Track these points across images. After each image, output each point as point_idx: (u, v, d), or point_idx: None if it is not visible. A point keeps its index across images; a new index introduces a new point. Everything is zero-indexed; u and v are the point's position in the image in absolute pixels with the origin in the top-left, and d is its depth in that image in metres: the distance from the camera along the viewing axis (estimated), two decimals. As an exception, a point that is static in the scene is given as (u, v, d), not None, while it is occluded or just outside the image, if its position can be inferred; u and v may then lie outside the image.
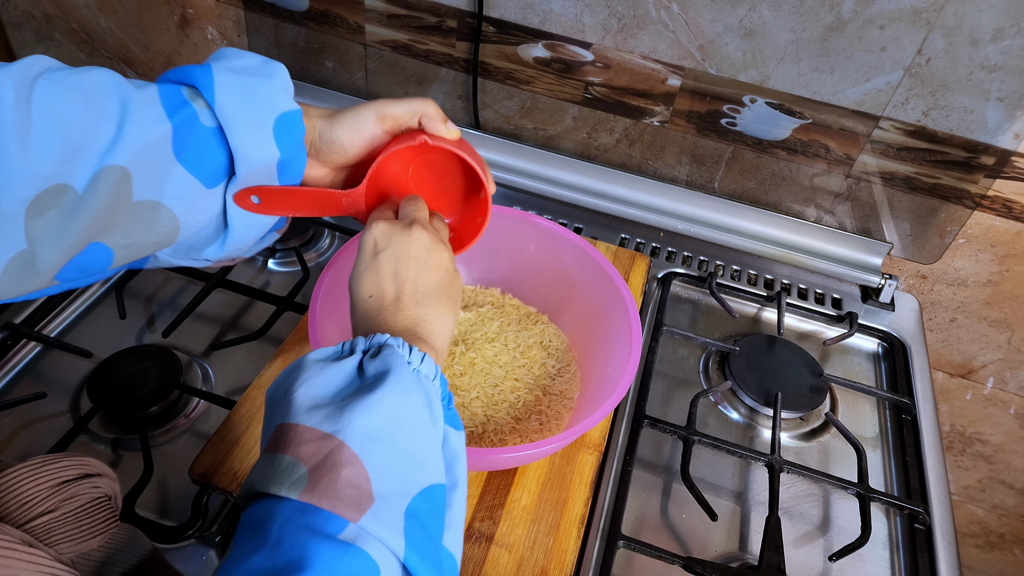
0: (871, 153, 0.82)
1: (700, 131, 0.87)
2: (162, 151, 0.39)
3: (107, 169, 0.37)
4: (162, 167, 0.39)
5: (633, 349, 0.56)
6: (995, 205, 0.83)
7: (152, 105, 0.39)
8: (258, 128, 0.42)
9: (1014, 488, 1.11)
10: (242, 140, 0.42)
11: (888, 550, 0.64)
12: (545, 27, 0.85)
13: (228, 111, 0.41)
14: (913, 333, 0.85)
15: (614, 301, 0.61)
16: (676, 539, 0.63)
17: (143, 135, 0.38)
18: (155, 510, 0.60)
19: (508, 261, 0.70)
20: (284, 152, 0.44)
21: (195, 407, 0.68)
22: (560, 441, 0.50)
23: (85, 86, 0.37)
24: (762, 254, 0.90)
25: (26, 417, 0.66)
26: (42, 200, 0.35)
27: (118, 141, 0.37)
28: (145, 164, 0.38)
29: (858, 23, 0.73)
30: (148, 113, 0.39)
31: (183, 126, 0.40)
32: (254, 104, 0.42)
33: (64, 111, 0.36)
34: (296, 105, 0.44)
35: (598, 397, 0.57)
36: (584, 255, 0.65)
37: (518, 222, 0.68)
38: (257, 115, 0.42)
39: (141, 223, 0.40)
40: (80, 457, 0.39)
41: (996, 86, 0.72)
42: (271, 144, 0.43)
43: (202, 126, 0.41)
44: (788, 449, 0.72)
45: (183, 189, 0.41)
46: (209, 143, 0.42)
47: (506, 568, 0.52)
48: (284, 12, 0.95)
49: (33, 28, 1.15)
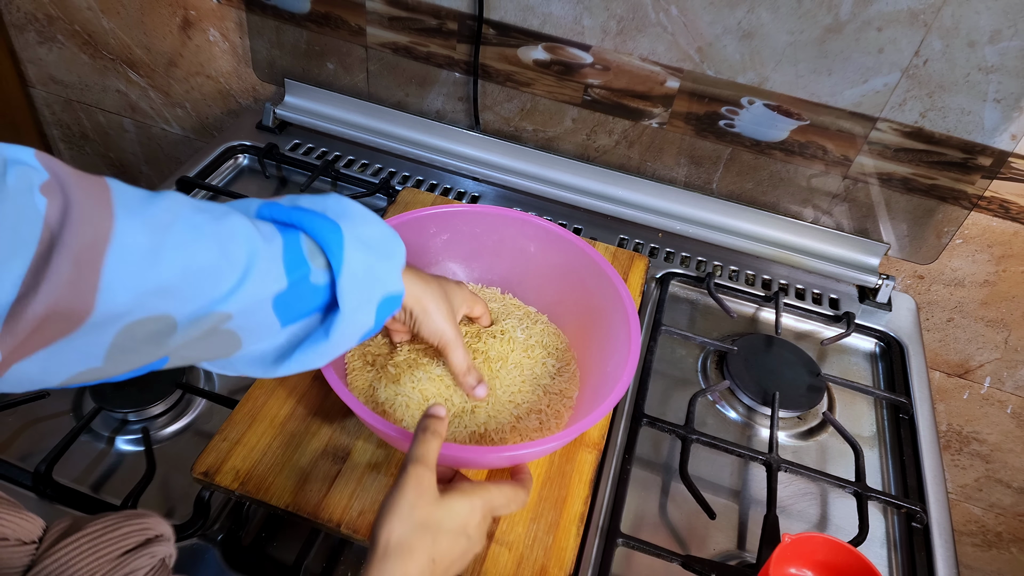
0: (868, 154, 0.82)
1: (698, 132, 0.88)
2: (266, 295, 0.41)
3: (214, 313, 0.38)
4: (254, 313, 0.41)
5: (632, 348, 0.57)
6: (992, 206, 0.84)
7: (275, 261, 0.41)
8: (366, 302, 0.45)
9: (1011, 487, 1.12)
10: (349, 309, 0.44)
11: (886, 549, 0.65)
12: (545, 29, 0.85)
13: (348, 289, 0.44)
14: (910, 333, 0.85)
15: (613, 301, 0.62)
16: (675, 537, 0.63)
17: (260, 290, 0.40)
18: (157, 509, 0.60)
19: (508, 261, 0.71)
20: (376, 323, 0.47)
21: (197, 406, 0.69)
22: (560, 440, 0.51)
23: (222, 234, 0.38)
24: (760, 254, 0.90)
25: (28, 416, 0.66)
26: (140, 324, 0.35)
27: (236, 292, 0.38)
28: (248, 310, 0.40)
29: (856, 25, 0.73)
30: (270, 270, 0.40)
31: (296, 284, 0.42)
32: (371, 283, 0.45)
33: (197, 259, 0.36)
34: (402, 286, 0.48)
35: (597, 396, 0.57)
36: (583, 256, 0.66)
37: (518, 223, 0.68)
38: (371, 291, 0.45)
39: (208, 347, 0.41)
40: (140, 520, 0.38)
41: (993, 87, 0.73)
42: (371, 317, 0.46)
43: (310, 284, 0.43)
44: (786, 448, 0.72)
45: (262, 324, 0.42)
46: (308, 298, 0.43)
47: (506, 566, 0.53)
48: (286, 14, 0.96)
49: (36, 30, 1.16)
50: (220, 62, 1.09)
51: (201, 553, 0.57)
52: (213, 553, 0.57)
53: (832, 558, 0.53)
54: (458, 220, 0.69)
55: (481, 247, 0.70)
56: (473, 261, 0.72)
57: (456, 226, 0.69)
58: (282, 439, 0.58)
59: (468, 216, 0.69)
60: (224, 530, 0.58)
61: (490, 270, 0.73)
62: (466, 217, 0.69)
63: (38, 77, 1.25)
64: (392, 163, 0.99)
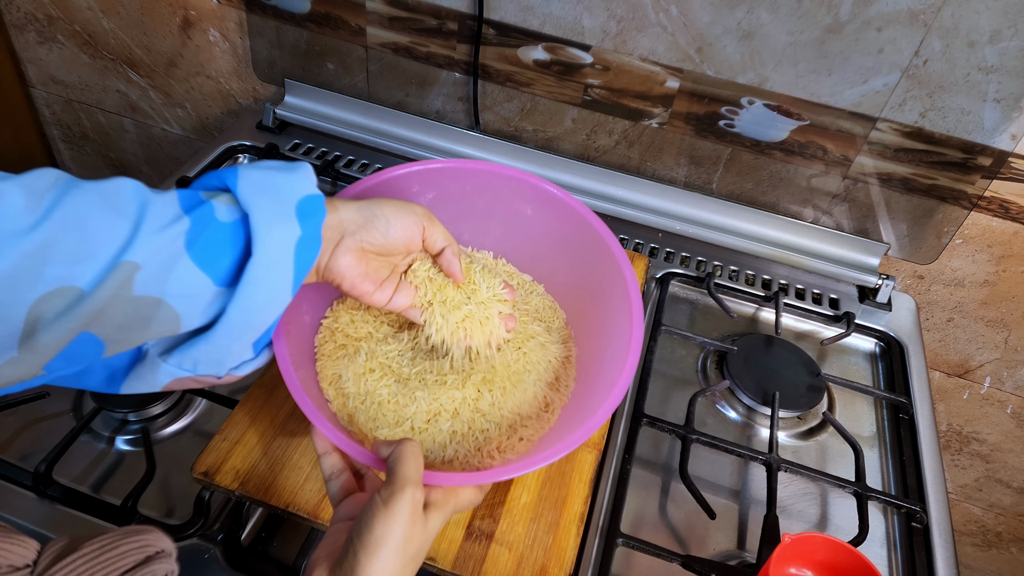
0: (868, 154, 0.82)
1: (698, 132, 0.88)
2: (174, 245, 0.39)
3: (119, 266, 0.36)
4: (170, 261, 0.38)
5: (634, 338, 0.51)
6: (992, 206, 0.84)
7: (169, 204, 0.39)
8: (280, 207, 0.42)
9: (1011, 487, 1.12)
10: (263, 217, 0.41)
11: (885, 549, 0.65)
12: (545, 30, 0.85)
13: (250, 194, 0.41)
14: (910, 333, 0.85)
15: (614, 279, 0.56)
16: (675, 537, 0.63)
17: (159, 232, 0.38)
18: (157, 508, 0.60)
19: (501, 224, 0.63)
20: (306, 231, 0.43)
21: (197, 406, 0.69)
22: (561, 451, 0.47)
23: (105, 190, 0.37)
24: (760, 254, 0.90)
25: (29, 416, 0.66)
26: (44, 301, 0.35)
27: (134, 239, 0.37)
28: (156, 259, 0.38)
29: (855, 25, 0.73)
30: (165, 212, 0.39)
31: (199, 220, 0.40)
32: (277, 188, 0.43)
33: (80, 211, 0.36)
34: (317, 191, 0.45)
35: (595, 392, 0.53)
36: (584, 224, 0.59)
37: (513, 182, 0.61)
38: (280, 197, 0.42)
39: (138, 319, 0.39)
40: (139, 536, 0.37)
41: (993, 87, 0.73)
42: (293, 222, 0.42)
43: (217, 221, 0.40)
44: (786, 448, 0.72)
45: (189, 286, 0.40)
46: (224, 237, 0.41)
47: (506, 566, 0.53)
48: (286, 14, 0.96)
49: (36, 30, 1.16)
50: (220, 62, 1.09)
51: (201, 553, 0.57)
52: (213, 553, 0.57)
53: (832, 558, 0.53)
54: (445, 177, 0.60)
55: (471, 208, 0.62)
56: (462, 223, 0.64)
57: (442, 184, 0.61)
58: (282, 439, 0.58)
59: (456, 173, 0.61)
60: (224, 530, 0.59)
61: (481, 233, 0.65)
62: (454, 174, 0.61)
63: (38, 77, 1.25)
64: (392, 163, 0.98)
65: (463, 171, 0.61)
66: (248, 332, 0.43)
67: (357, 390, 0.55)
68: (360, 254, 0.49)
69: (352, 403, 0.55)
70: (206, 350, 0.43)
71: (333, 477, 0.47)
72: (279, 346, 0.49)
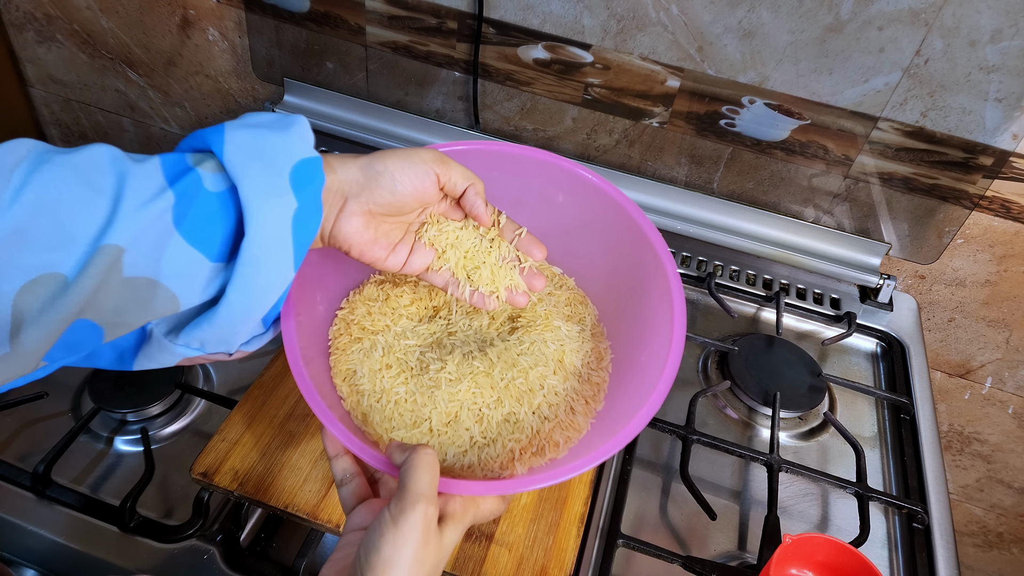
0: (869, 154, 0.82)
1: (699, 132, 0.87)
2: (162, 223, 0.35)
3: (102, 249, 0.33)
4: (159, 240, 0.35)
5: (675, 338, 0.47)
6: (993, 205, 0.83)
7: (152, 177, 0.35)
8: (273, 176, 0.38)
9: (1012, 487, 1.11)
10: (254, 190, 0.37)
11: (887, 549, 0.65)
12: (545, 29, 0.85)
13: (238, 162, 0.37)
14: (911, 333, 0.85)
15: (653, 272, 0.52)
16: (675, 538, 0.63)
17: (142, 210, 0.34)
18: (156, 509, 0.60)
19: (531, 212, 0.57)
20: (302, 202, 0.39)
21: (196, 407, 0.68)
22: (593, 460, 0.44)
23: (78, 163, 0.34)
24: (761, 254, 0.90)
25: (27, 417, 0.66)
26: (28, 292, 0.32)
27: (114, 219, 0.34)
28: (143, 239, 0.35)
29: (856, 24, 0.73)
30: (147, 186, 0.35)
31: (186, 194, 0.36)
32: (268, 153, 0.38)
33: (52, 191, 0.32)
34: (317, 154, 0.40)
35: (630, 392, 0.50)
36: (621, 212, 0.54)
37: (545, 167, 0.56)
38: (271, 164, 0.38)
39: (134, 301, 0.36)
40: None
41: (994, 87, 0.73)
42: (288, 194, 0.38)
43: (206, 191, 0.37)
44: (787, 448, 0.72)
45: (183, 265, 0.37)
46: (213, 210, 0.37)
47: (506, 566, 0.52)
48: (285, 13, 0.95)
49: (35, 29, 1.16)
50: (219, 61, 1.08)
51: (200, 554, 0.57)
52: (212, 554, 0.57)
53: (833, 559, 0.53)
54: (472, 161, 0.54)
55: (498, 194, 0.55)
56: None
57: (469, 167, 0.55)
58: (281, 439, 0.58)
59: (484, 156, 0.56)
60: (223, 531, 0.58)
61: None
62: (482, 157, 0.56)
63: (37, 76, 1.24)
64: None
65: (489, 154, 0.56)
66: (252, 312, 0.40)
67: (372, 387, 0.52)
68: (368, 217, 0.44)
69: (367, 401, 0.51)
70: (211, 332, 0.40)
71: (345, 482, 0.44)
72: (289, 340, 0.45)
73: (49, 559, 0.57)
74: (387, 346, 0.54)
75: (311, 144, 0.40)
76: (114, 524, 0.58)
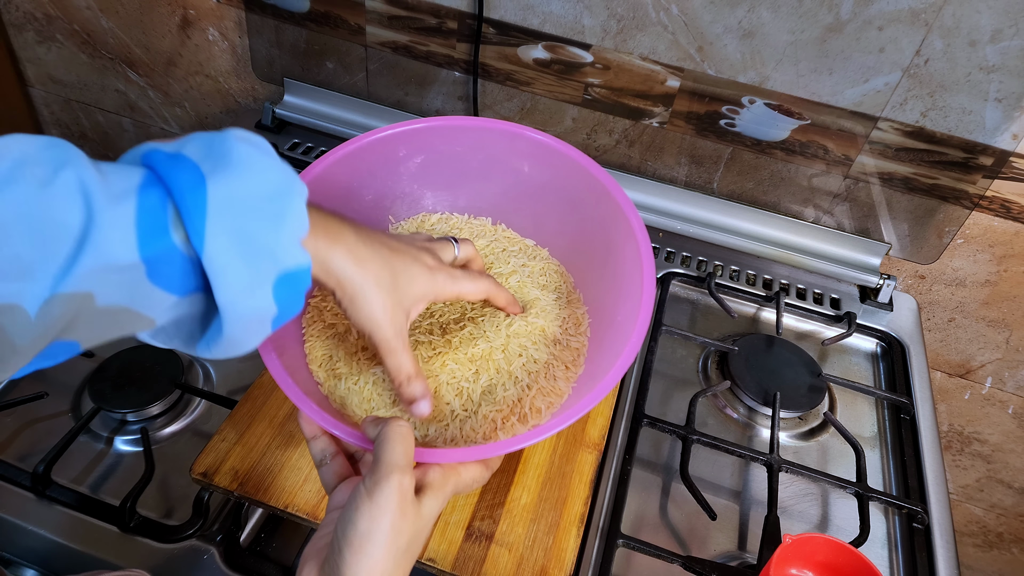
0: (869, 154, 0.82)
1: (699, 132, 0.87)
2: (132, 277, 0.32)
3: (62, 296, 0.30)
4: (133, 287, 0.33)
5: (645, 293, 0.47)
6: (993, 205, 0.83)
7: (123, 229, 0.31)
8: (253, 284, 0.34)
9: (1012, 487, 1.11)
10: (233, 297, 0.34)
11: (887, 549, 0.65)
12: (545, 29, 0.85)
13: (219, 265, 0.33)
14: (911, 333, 0.85)
15: (621, 230, 0.52)
16: (675, 538, 0.63)
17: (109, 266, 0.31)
18: (156, 509, 0.60)
19: (499, 185, 0.58)
20: (282, 309, 0.36)
21: (196, 407, 0.68)
22: (576, 412, 0.44)
23: (41, 200, 0.29)
24: (761, 254, 0.90)
25: (27, 417, 0.66)
26: None
27: (75, 265, 0.30)
28: (111, 285, 0.32)
29: (856, 24, 0.73)
30: (116, 238, 0.31)
31: (159, 261, 0.33)
32: (254, 256, 0.34)
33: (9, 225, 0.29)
34: (306, 257, 0.36)
35: (607, 350, 0.50)
36: (584, 174, 0.54)
37: (508, 137, 0.55)
38: (256, 269, 0.34)
39: (109, 323, 0.34)
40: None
41: (994, 87, 0.73)
42: (268, 302, 0.35)
43: (182, 256, 0.33)
44: (787, 448, 0.72)
45: (158, 303, 0.34)
46: (192, 270, 0.34)
47: (506, 567, 0.52)
48: (285, 13, 0.95)
49: (35, 29, 1.16)
50: (219, 61, 1.08)
51: (200, 554, 0.57)
52: (212, 554, 0.57)
53: (833, 559, 0.53)
54: (433, 138, 0.56)
55: (465, 170, 0.56)
56: (456, 188, 0.60)
57: (432, 145, 0.56)
58: (281, 439, 0.58)
59: (445, 132, 0.56)
60: (223, 531, 0.58)
61: (478, 197, 0.61)
62: (442, 133, 0.56)
63: (37, 77, 1.24)
64: (392, 163, 0.98)
65: (452, 129, 0.56)
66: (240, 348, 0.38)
67: (349, 370, 0.52)
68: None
69: (344, 384, 0.51)
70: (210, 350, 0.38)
71: (324, 463, 0.44)
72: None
73: (49, 559, 0.57)
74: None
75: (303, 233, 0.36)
76: (114, 524, 0.58)
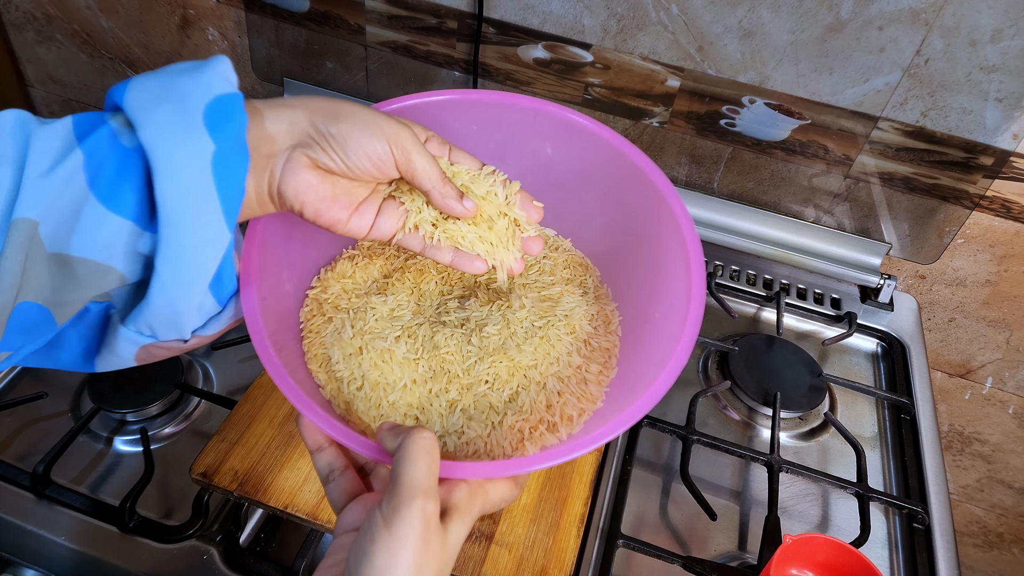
0: (870, 153, 0.82)
1: (699, 132, 0.87)
2: (74, 187, 0.31)
3: (14, 224, 0.29)
4: (74, 207, 0.31)
5: (694, 286, 0.41)
6: (994, 205, 0.83)
7: (59, 137, 0.31)
8: (182, 117, 0.32)
9: (1013, 487, 1.11)
10: (159, 134, 0.31)
11: (887, 549, 0.65)
12: (545, 28, 0.85)
13: (140, 105, 0.32)
14: (912, 333, 0.85)
15: (660, 219, 0.46)
16: (675, 538, 0.63)
17: (49, 175, 0.30)
18: (156, 509, 0.60)
19: (516, 168, 0.50)
20: (221, 143, 0.32)
21: (196, 407, 0.68)
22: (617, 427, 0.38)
23: None
24: (761, 254, 0.90)
25: (27, 417, 0.66)
26: None
27: (20, 189, 0.29)
28: (55, 208, 0.30)
29: (857, 24, 0.73)
30: (54, 147, 0.31)
31: (97, 150, 0.31)
32: (177, 94, 0.32)
33: None
34: (233, 87, 0.34)
35: (645, 353, 0.45)
36: (619, 157, 0.48)
37: (529, 114, 0.49)
38: (181, 105, 0.32)
39: (69, 277, 0.32)
40: None
41: (995, 87, 0.73)
42: (203, 135, 0.32)
43: (121, 146, 0.31)
44: (787, 449, 0.72)
45: (109, 235, 0.32)
46: (130, 166, 0.32)
47: (506, 567, 0.52)
48: (285, 13, 0.95)
49: (35, 29, 1.16)
50: (219, 61, 1.08)
51: (200, 554, 0.57)
52: (212, 554, 0.57)
53: (833, 559, 0.53)
54: (445, 114, 0.49)
55: (480, 150, 0.48)
56: None
57: (443, 122, 0.50)
58: (281, 439, 0.58)
59: (459, 107, 0.50)
60: (223, 531, 0.58)
61: None
62: (457, 109, 0.50)
63: (37, 76, 1.24)
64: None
65: (467, 104, 0.50)
66: (189, 284, 0.34)
67: (351, 373, 0.46)
68: (323, 172, 0.38)
69: (348, 389, 0.46)
70: (153, 313, 0.34)
71: (332, 478, 0.38)
72: (251, 315, 0.39)
73: (49, 559, 0.57)
74: (356, 326, 0.48)
75: (231, 82, 0.34)
76: (114, 524, 0.58)
